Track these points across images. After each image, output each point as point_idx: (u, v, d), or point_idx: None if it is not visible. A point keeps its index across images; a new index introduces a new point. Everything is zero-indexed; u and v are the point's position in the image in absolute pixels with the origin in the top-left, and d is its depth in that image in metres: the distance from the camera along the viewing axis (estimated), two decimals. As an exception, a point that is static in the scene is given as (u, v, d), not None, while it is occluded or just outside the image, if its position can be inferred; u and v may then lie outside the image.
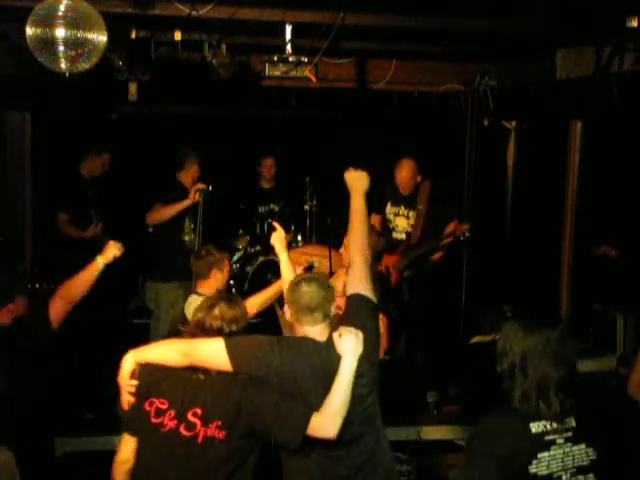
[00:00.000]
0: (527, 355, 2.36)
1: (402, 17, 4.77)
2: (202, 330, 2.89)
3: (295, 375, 2.78)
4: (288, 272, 3.49)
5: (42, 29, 3.56)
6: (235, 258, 7.26)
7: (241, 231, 7.42)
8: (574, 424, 2.37)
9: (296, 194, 7.58)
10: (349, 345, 2.76)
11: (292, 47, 5.09)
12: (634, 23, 4.48)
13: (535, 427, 2.33)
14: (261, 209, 7.38)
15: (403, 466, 4.99)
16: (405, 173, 5.83)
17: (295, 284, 2.92)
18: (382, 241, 4.46)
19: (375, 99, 6.87)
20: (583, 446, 2.37)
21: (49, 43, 3.57)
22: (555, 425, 2.34)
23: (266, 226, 7.25)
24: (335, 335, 2.82)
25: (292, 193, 7.55)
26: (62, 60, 3.62)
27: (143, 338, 5.66)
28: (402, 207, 5.96)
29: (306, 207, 7.53)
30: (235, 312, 2.94)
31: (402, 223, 5.94)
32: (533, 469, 2.29)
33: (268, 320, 5.30)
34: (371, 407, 2.93)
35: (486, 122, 6.92)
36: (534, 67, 6.29)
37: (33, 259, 6.80)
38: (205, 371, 2.79)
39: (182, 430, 2.72)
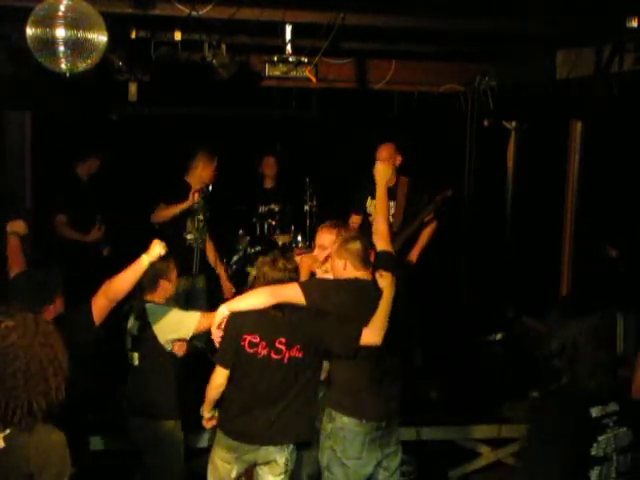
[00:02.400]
0: (578, 340, 2.51)
1: (402, 17, 4.77)
2: (266, 280, 3.73)
3: (350, 306, 3.70)
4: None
5: (42, 29, 3.56)
6: (235, 259, 7.26)
7: (241, 231, 7.41)
8: (617, 408, 2.54)
9: (296, 194, 7.58)
10: (388, 281, 3.76)
11: (292, 47, 5.09)
12: (634, 23, 4.48)
13: (595, 411, 2.49)
14: (261, 209, 7.37)
15: (403, 466, 4.99)
16: (384, 154, 5.79)
17: (350, 240, 3.78)
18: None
19: (375, 99, 6.87)
20: (625, 429, 2.54)
21: (49, 43, 3.57)
22: (607, 409, 2.51)
23: (266, 226, 7.24)
24: (377, 274, 3.79)
25: (292, 193, 7.55)
26: (62, 60, 3.62)
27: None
28: None
29: (306, 207, 7.52)
30: (293, 264, 3.85)
31: None
32: (593, 451, 2.45)
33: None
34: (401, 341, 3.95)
35: (486, 122, 6.92)
36: (534, 67, 6.29)
37: (33, 259, 6.78)
38: (281, 310, 3.69)
39: (272, 355, 3.71)
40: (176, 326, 3.97)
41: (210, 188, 6.13)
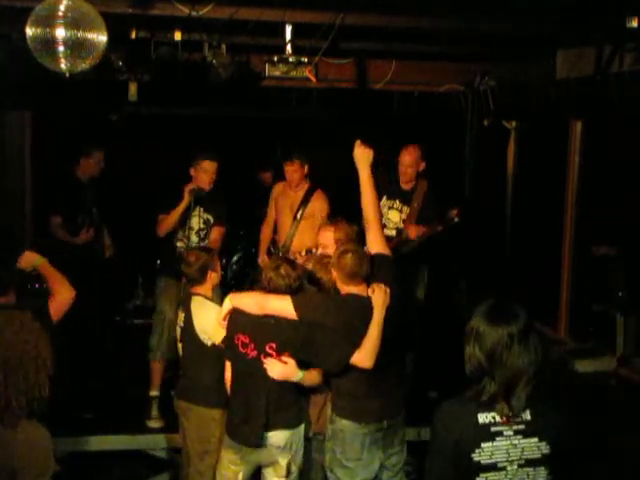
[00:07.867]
0: (491, 351, 2.40)
1: (402, 17, 4.77)
2: (271, 286, 3.76)
3: (342, 323, 3.66)
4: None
5: (42, 29, 3.56)
6: (235, 258, 7.26)
7: (242, 232, 7.42)
8: (529, 417, 2.42)
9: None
10: (380, 299, 3.66)
11: (292, 47, 5.09)
12: (634, 23, 4.47)
13: (482, 418, 2.41)
14: (261, 210, 7.35)
15: (404, 466, 4.99)
16: (409, 157, 5.69)
17: (342, 253, 3.69)
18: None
19: (375, 99, 6.87)
20: (535, 440, 2.42)
21: (49, 43, 3.57)
22: (505, 418, 2.40)
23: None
24: (369, 290, 3.70)
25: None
26: (62, 60, 3.63)
27: (143, 338, 5.67)
28: (397, 201, 5.79)
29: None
30: (297, 271, 3.81)
31: (394, 217, 5.76)
32: (476, 457, 2.38)
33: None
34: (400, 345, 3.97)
35: (486, 122, 6.92)
36: (534, 67, 6.29)
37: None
38: (275, 318, 3.71)
39: (262, 358, 3.74)
40: (212, 330, 4.03)
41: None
